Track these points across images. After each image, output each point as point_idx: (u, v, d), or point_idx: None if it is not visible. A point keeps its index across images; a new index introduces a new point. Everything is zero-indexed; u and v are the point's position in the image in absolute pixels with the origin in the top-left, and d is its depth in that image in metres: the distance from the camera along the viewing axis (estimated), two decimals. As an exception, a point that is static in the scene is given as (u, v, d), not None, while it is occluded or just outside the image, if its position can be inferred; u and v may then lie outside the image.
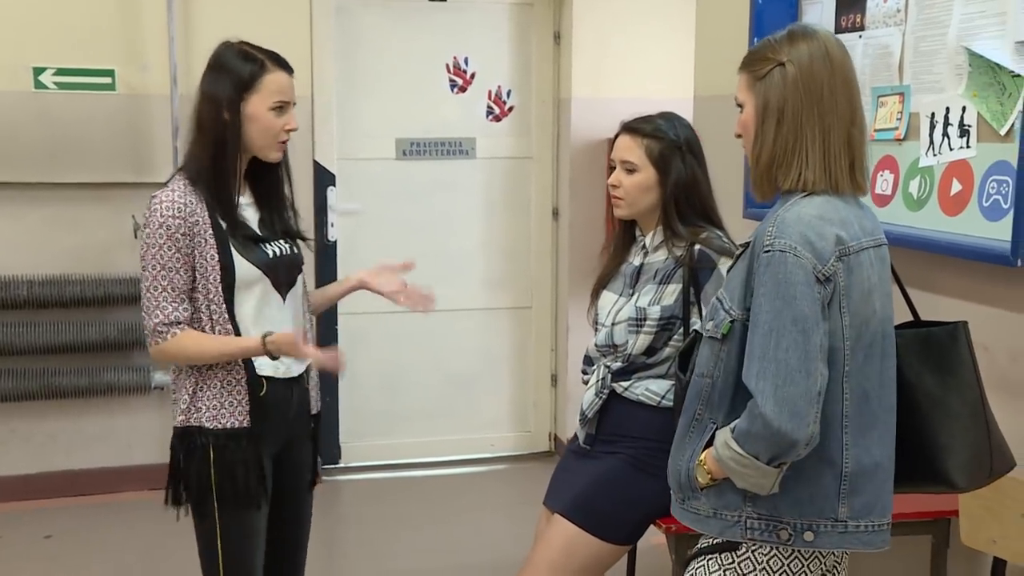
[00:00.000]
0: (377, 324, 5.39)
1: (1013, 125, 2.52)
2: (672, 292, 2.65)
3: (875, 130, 3.04)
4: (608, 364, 2.72)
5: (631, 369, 2.69)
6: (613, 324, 2.72)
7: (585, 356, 2.85)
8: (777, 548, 2.02)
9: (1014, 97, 2.53)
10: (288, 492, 2.68)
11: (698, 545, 2.15)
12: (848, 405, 1.95)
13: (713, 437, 2.05)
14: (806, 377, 1.87)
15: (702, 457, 2.06)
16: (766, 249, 1.93)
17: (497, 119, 5.42)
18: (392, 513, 4.92)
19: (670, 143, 2.68)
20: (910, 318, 2.20)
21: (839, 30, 3.22)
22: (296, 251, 2.67)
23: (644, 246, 2.77)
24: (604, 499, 2.67)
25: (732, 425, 1.97)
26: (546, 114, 5.45)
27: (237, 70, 2.50)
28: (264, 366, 2.54)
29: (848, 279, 1.93)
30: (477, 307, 5.52)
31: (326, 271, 5.18)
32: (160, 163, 4.84)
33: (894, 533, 2.05)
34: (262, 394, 2.53)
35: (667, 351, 2.66)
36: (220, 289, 2.50)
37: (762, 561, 2.04)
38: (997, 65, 2.57)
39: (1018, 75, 2.51)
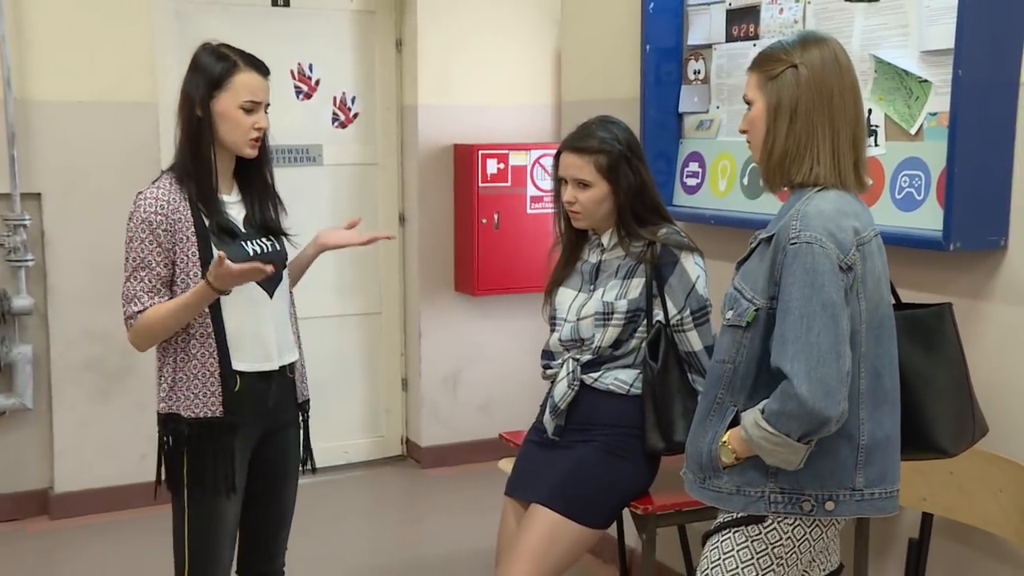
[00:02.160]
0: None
1: (922, 125, 2.82)
2: (636, 286, 2.79)
3: (775, 131, 3.30)
4: (576, 357, 2.83)
5: (599, 361, 2.81)
6: (579, 319, 2.83)
7: (544, 351, 2.95)
8: (800, 518, 2.19)
9: (921, 100, 2.83)
10: (270, 478, 2.77)
11: (719, 520, 2.29)
12: (863, 383, 2.14)
13: (735, 419, 2.20)
14: (836, 359, 2.04)
15: (725, 438, 2.20)
16: (792, 241, 2.09)
17: (343, 126, 5.42)
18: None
19: (616, 154, 2.81)
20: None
21: (730, 39, 3.47)
22: (279, 248, 2.75)
23: (601, 244, 2.89)
24: (583, 486, 2.77)
25: (760, 407, 2.12)
26: (390, 121, 5.50)
27: (209, 69, 2.60)
28: (240, 360, 2.62)
29: (863, 267, 2.12)
30: (328, 314, 5.49)
31: (174, 283, 5.03)
32: (-5, 172, 4.58)
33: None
34: (236, 389, 2.62)
35: (633, 342, 2.80)
36: (199, 279, 2.56)
37: (787, 531, 2.20)
38: (904, 71, 2.86)
39: (926, 80, 2.81)
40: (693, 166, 3.64)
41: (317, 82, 5.32)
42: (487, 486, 5.30)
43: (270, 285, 2.68)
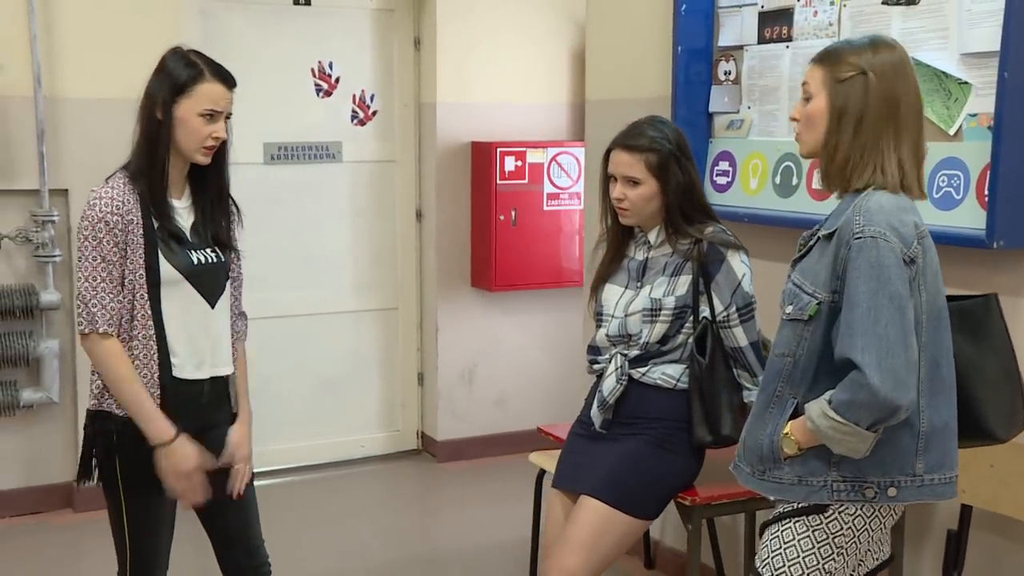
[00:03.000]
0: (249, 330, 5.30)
1: (961, 126, 2.89)
2: (684, 283, 2.86)
3: (809, 131, 3.37)
4: (624, 353, 2.89)
5: (647, 356, 2.87)
6: (627, 315, 2.90)
7: (590, 347, 3.01)
8: (861, 507, 2.25)
9: (960, 101, 2.90)
10: (212, 474, 2.71)
11: (779, 509, 2.35)
12: (923, 372, 2.20)
13: (796, 411, 2.26)
14: (905, 349, 2.11)
15: (787, 430, 2.26)
16: (857, 236, 2.15)
17: (362, 123, 5.47)
18: (267, 522, 4.83)
19: (666, 153, 2.88)
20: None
21: (762, 41, 3.54)
22: (222, 259, 2.74)
23: (648, 242, 2.95)
24: (632, 478, 2.84)
25: (827, 397, 2.17)
26: (408, 118, 5.55)
27: (175, 74, 2.62)
28: (178, 368, 2.65)
29: (924, 260, 2.19)
30: (345, 310, 5.55)
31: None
32: (24, 170, 4.61)
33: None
34: (171, 393, 2.64)
35: (680, 338, 2.86)
36: (146, 288, 2.59)
37: (847, 520, 2.26)
38: (943, 73, 2.93)
39: (965, 82, 2.88)
40: (723, 165, 3.70)
41: (337, 80, 5.37)
42: (502, 480, 5.39)
43: (213, 296, 2.70)
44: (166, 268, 2.62)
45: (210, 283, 2.70)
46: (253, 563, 2.88)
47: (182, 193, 2.71)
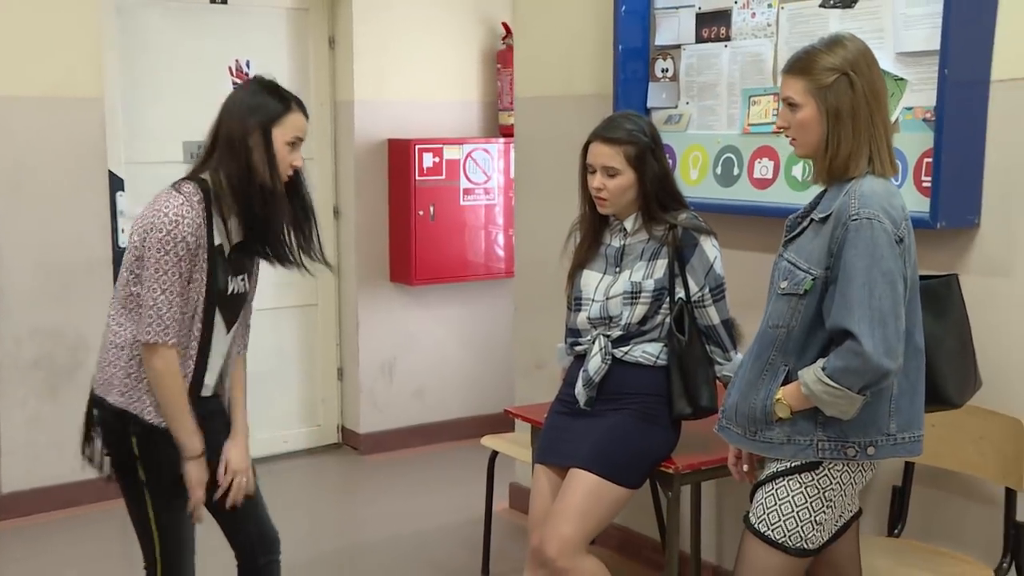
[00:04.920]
0: (170, 330, 5.30)
1: (898, 118, 3.18)
2: (661, 267, 3.05)
3: (749, 125, 3.63)
4: (606, 334, 3.07)
5: (628, 336, 3.06)
6: (607, 298, 3.08)
7: (570, 329, 3.19)
8: (846, 464, 2.50)
9: (897, 96, 3.18)
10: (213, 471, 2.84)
11: (771, 469, 2.57)
12: None
13: (787, 378, 2.49)
14: (895, 319, 2.36)
15: (779, 395, 2.49)
16: (853, 218, 2.38)
17: (279, 121, 5.49)
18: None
19: (643, 145, 3.06)
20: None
21: (700, 40, 3.78)
22: (247, 289, 2.86)
23: (624, 229, 3.14)
24: (619, 449, 3.02)
25: (821, 364, 2.41)
26: (324, 116, 5.61)
27: (268, 103, 2.72)
28: (205, 388, 2.80)
29: (909, 239, 2.44)
30: (265, 307, 5.48)
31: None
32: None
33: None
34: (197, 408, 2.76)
35: (658, 318, 3.06)
36: (203, 308, 2.71)
37: (836, 476, 2.51)
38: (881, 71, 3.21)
39: (902, 79, 3.17)
40: (663, 157, 3.93)
41: (254, 78, 5.39)
42: (425, 469, 5.54)
43: (231, 322, 2.82)
44: (220, 292, 2.74)
45: (233, 310, 2.82)
46: (268, 560, 2.99)
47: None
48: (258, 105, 2.70)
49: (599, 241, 3.19)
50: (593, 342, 3.09)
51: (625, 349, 3.06)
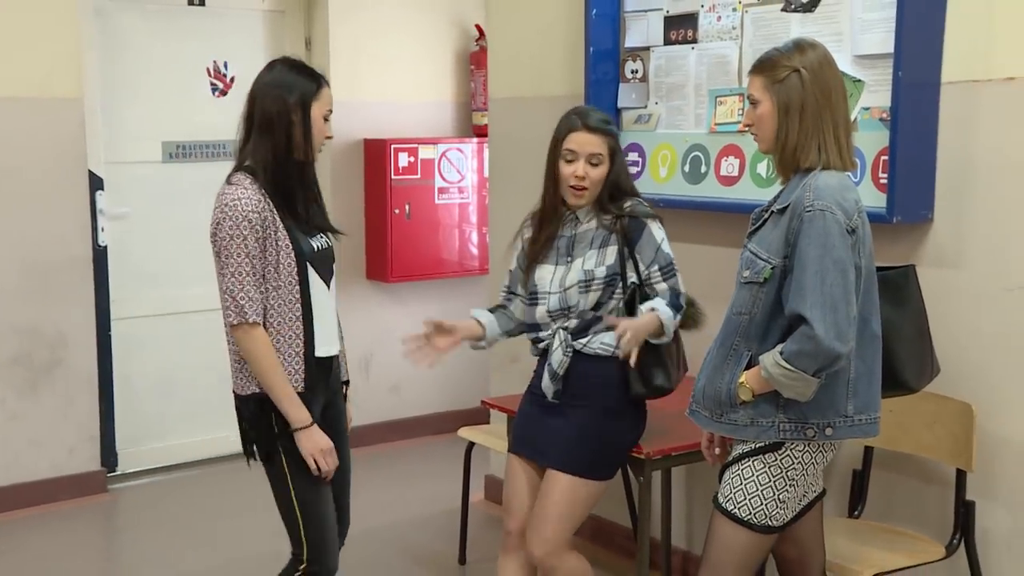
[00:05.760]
0: (149, 327, 5.41)
1: (856, 118, 3.32)
2: (612, 254, 3.11)
3: (716, 124, 3.76)
4: (565, 327, 3.13)
5: (585, 326, 3.12)
6: (564, 289, 3.12)
7: (529, 325, 3.24)
8: (807, 444, 2.64)
9: (855, 96, 3.32)
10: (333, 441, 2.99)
11: (737, 451, 2.71)
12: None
13: (749, 363, 2.62)
14: (847, 305, 2.49)
15: (743, 379, 2.62)
16: (807, 209, 2.52)
17: (257, 122, 5.59)
18: (176, 516, 4.99)
19: (617, 138, 3.17)
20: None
21: (668, 42, 3.91)
22: (331, 244, 3.03)
23: (576, 218, 3.17)
24: (591, 446, 3.11)
25: (779, 349, 2.54)
26: (301, 116, 5.70)
27: (303, 80, 2.90)
28: (318, 348, 2.90)
29: (863, 230, 2.58)
30: (243, 305, 5.65)
31: (99, 276, 5.13)
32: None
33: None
34: (314, 368, 2.91)
35: (611, 303, 3.12)
36: (295, 270, 2.82)
37: (798, 456, 2.65)
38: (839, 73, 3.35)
39: (859, 80, 3.31)
40: (633, 156, 4.06)
41: (232, 79, 5.49)
42: (403, 463, 5.63)
43: (327, 277, 2.97)
44: (309, 250, 2.89)
45: (326, 265, 2.97)
46: (341, 524, 3.13)
47: None
48: (292, 84, 2.87)
49: (551, 235, 3.20)
50: (553, 336, 3.16)
51: (584, 340, 3.12)
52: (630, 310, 3.12)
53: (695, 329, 3.28)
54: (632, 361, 2.96)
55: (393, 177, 5.60)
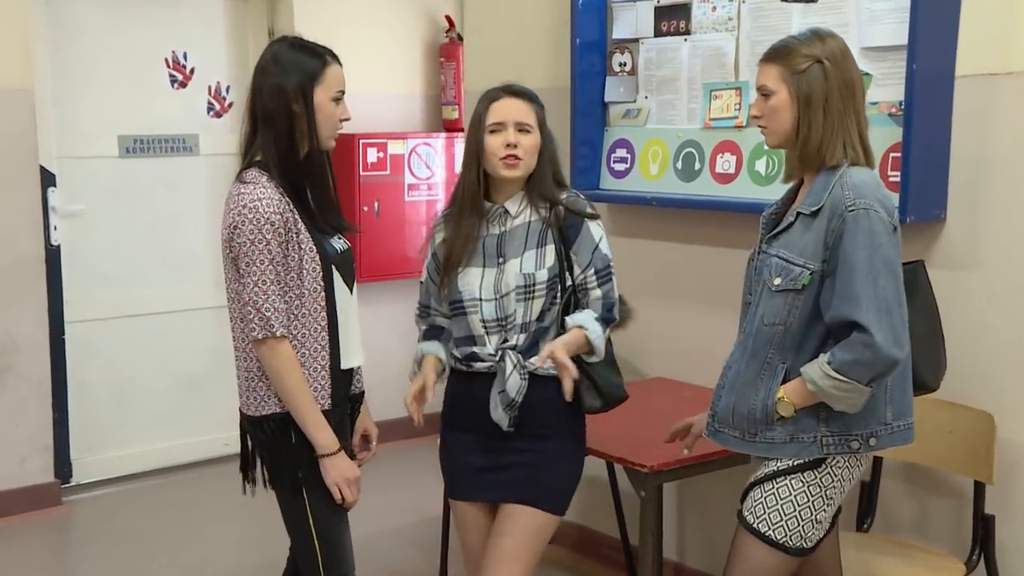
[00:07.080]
0: (106, 330, 5.18)
1: (863, 113, 3.17)
2: (551, 253, 2.78)
3: (711, 119, 3.60)
4: (512, 346, 2.77)
5: (533, 341, 2.78)
6: (500, 296, 2.76)
7: (465, 338, 2.82)
8: (847, 459, 2.47)
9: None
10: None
11: (771, 468, 2.50)
12: None
13: (786, 375, 2.44)
14: (900, 307, 2.34)
15: (781, 394, 2.43)
16: (850, 209, 2.34)
17: (218, 115, 5.38)
18: (135, 529, 4.77)
19: (543, 110, 2.83)
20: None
21: (659, 34, 3.74)
22: (349, 246, 2.77)
23: (507, 213, 2.80)
24: (552, 478, 2.82)
25: (825, 359, 2.36)
26: (264, 110, 5.47)
27: (303, 63, 2.59)
28: (345, 357, 2.68)
29: (899, 227, 2.43)
30: (205, 306, 5.43)
31: (52, 277, 4.87)
32: None
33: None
34: (338, 382, 2.68)
35: (554, 310, 2.79)
36: (320, 276, 2.58)
37: (838, 473, 2.48)
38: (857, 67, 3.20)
39: (867, 73, 3.16)
40: (621, 152, 3.89)
41: (192, 71, 5.26)
42: (374, 469, 5.35)
43: (351, 282, 2.71)
44: (333, 253, 2.63)
45: (349, 269, 2.71)
46: None
47: None
48: (290, 68, 2.57)
49: (475, 235, 2.80)
50: (501, 359, 2.76)
51: (535, 360, 2.76)
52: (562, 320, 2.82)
53: (620, 328, 3.03)
54: (566, 392, 2.69)
55: (362, 173, 5.39)
